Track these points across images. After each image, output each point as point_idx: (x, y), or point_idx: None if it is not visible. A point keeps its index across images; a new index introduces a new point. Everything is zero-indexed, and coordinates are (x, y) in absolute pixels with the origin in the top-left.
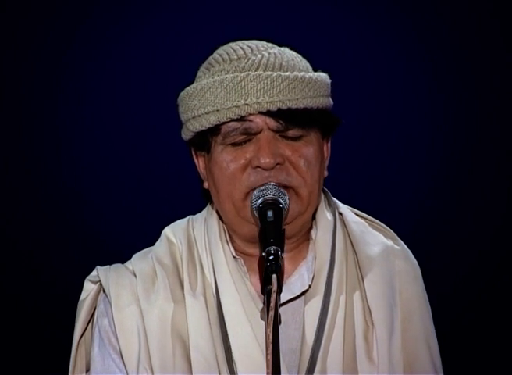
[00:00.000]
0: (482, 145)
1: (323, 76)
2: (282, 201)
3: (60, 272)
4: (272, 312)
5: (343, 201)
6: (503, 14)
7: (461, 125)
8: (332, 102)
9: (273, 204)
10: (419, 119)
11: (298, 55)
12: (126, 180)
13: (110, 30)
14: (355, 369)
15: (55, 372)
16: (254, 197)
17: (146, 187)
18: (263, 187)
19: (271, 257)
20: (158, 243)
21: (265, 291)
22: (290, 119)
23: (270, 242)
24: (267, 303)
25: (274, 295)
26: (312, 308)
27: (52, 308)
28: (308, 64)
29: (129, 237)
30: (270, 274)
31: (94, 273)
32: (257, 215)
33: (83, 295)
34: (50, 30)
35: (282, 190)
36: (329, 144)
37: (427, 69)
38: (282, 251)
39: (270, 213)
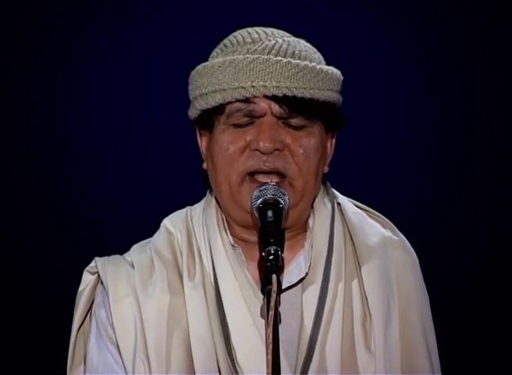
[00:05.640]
0: (482, 145)
1: (335, 71)
2: (282, 201)
3: (59, 265)
4: (271, 312)
5: None
6: (503, 14)
7: (461, 125)
8: (341, 99)
9: (273, 204)
10: (419, 119)
11: (313, 47)
12: (123, 174)
13: (110, 30)
14: (353, 357)
15: (53, 363)
16: (253, 197)
17: (143, 182)
18: (263, 187)
19: (271, 257)
20: (156, 234)
21: (265, 291)
22: (295, 107)
23: (270, 242)
24: (267, 303)
25: (274, 295)
26: (310, 296)
27: (50, 302)
28: (322, 58)
29: (126, 232)
30: (270, 274)
31: (92, 264)
32: (257, 215)
33: (81, 287)
34: (50, 30)
35: (282, 190)
36: (334, 141)
37: (427, 69)
38: (282, 251)
39: (270, 213)
